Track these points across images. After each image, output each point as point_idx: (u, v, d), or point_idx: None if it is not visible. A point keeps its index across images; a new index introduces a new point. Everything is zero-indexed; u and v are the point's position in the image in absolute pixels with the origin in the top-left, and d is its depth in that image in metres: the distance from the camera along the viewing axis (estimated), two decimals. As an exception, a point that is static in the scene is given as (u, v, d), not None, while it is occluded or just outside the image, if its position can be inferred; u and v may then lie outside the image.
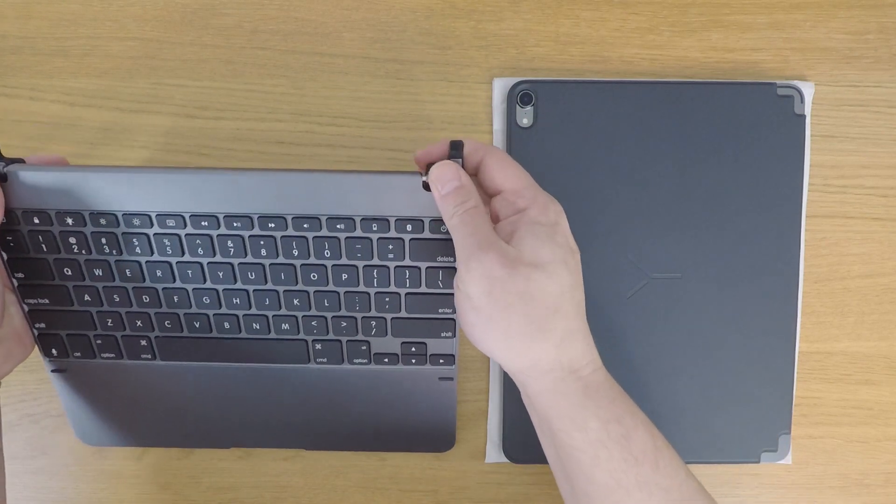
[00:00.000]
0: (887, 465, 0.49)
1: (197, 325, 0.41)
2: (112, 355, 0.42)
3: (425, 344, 0.41)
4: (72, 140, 0.46)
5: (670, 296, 0.46)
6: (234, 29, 0.46)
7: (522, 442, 0.47)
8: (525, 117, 0.45)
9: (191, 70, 0.46)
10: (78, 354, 0.41)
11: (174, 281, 0.39)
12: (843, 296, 0.47)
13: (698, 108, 0.45)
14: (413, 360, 0.42)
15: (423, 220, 0.38)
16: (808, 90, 0.45)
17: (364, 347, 0.42)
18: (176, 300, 0.40)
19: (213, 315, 0.40)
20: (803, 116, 0.45)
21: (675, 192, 0.45)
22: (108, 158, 0.46)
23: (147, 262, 0.39)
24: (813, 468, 0.49)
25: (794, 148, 0.46)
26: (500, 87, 0.46)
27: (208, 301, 0.40)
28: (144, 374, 0.42)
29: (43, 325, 0.40)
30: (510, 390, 0.46)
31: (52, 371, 0.42)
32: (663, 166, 0.45)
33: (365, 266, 0.39)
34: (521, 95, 0.45)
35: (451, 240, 0.38)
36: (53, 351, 0.41)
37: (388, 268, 0.39)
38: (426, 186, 0.36)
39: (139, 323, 0.40)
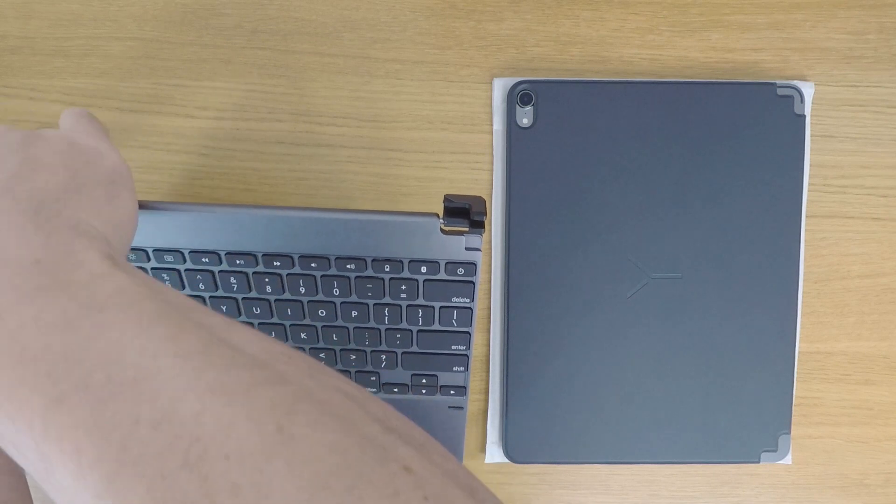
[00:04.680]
0: (887, 465, 0.49)
1: None
2: None
3: (436, 376, 0.41)
4: (72, 140, 0.46)
5: (670, 296, 0.46)
6: (234, 29, 0.46)
7: (522, 442, 0.47)
8: (525, 117, 0.45)
9: (191, 70, 0.46)
10: None
11: None
12: (843, 296, 0.47)
13: (698, 108, 0.45)
14: (423, 391, 0.41)
15: (438, 263, 0.36)
16: (808, 90, 0.45)
17: (374, 378, 0.41)
18: None
19: None
20: (803, 116, 0.45)
21: (675, 192, 0.45)
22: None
23: None
24: (813, 468, 0.49)
25: (794, 148, 0.46)
26: (500, 87, 0.46)
27: None
28: None
29: None
30: (511, 390, 0.46)
31: None
32: (663, 166, 0.45)
33: (376, 304, 0.38)
34: (521, 95, 0.45)
35: (468, 281, 0.36)
36: None
37: (400, 306, 0.38)
38: (444, 231, 0.35)
39: None
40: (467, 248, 0.35)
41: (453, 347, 0.39)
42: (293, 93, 0.46)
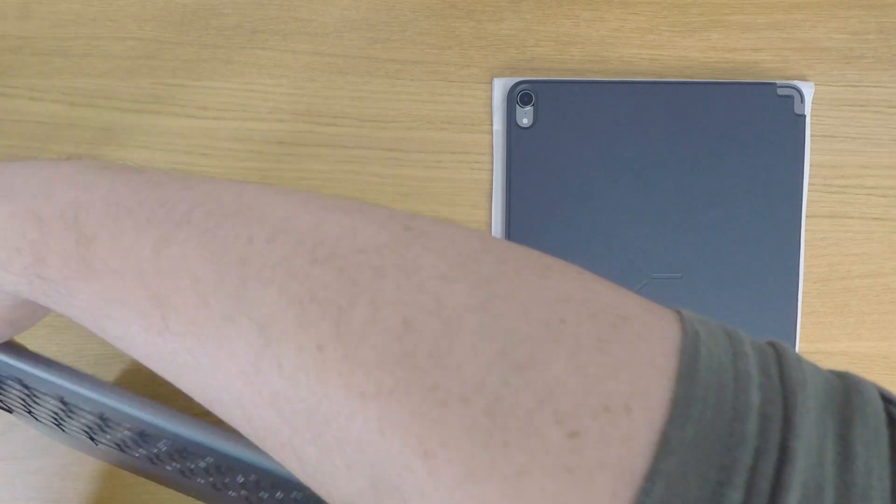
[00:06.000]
0: (887, 465, 0.49)
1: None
2: (53, 425, 0.36)
3: None
4: (72, 140, 0.46)
5: (670, 296, 0.46)
6: (234, 29, 0.46)
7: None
8: (525, 117, 0.45)
9: (191, 70, 0.46)
10: (20, 413, 0.37)
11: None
12: (843, 296, 0.47)
13: (698, 108, 0.45)
14: None
15: None
16: (808, 90, 0.45)
17: None
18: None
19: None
20: (803, 116, 0.45)
21: (675, 191, 0.45)
22: (107, 158, 0.46)
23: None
24: (813, 468, 0.49)
25: (794, 148, 0.46)
26: (500, 87, 0.46)
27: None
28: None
29: None
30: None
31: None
32: (663, 166, 0.45)
33: None
34: (521, 95, 0.45)
35: None
36: None
37: None
38: None
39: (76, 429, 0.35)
40: None
41: None
42: (293, 93, 0.46)
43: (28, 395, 0.33)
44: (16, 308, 0.24)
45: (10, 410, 0.38)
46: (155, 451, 0.33)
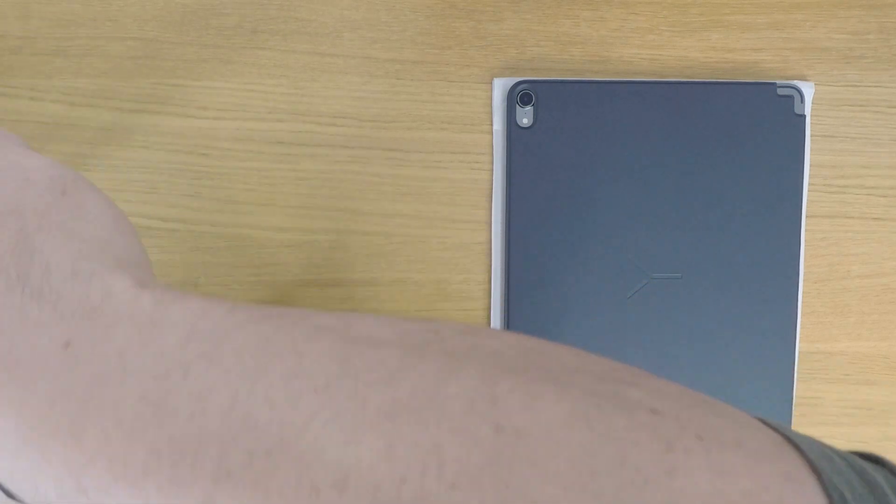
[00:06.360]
0: (887, 465, 0.49)
1: None
2: None
3: None
4: (72, 140, 0.46)
5: (670, 296, 0.46)
6: (234, 29, 0.46)
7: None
8: (525, 117, 0.45)
9: (191, 70, 0.46)
10: None
11: None
12: (843, 296, 0.47)
13: (698, 108, 0.45)
14: None
15: None
16: (808, 90, 0.45)
17: None
18: None
19: None
20: (803, 116, 0.45)
21: (675, 192, 0.45)
22: (108, 158, 0.46)
23: None
24: (813, 468, 0.49)
25: (794, 148, 0.46)
26: (500, 87, 0.46)
27: None
28: None
29: None
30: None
31: None
32: (663, 166, 0.45)
33: None
34: (521, 95, 0.45)
35: None
36: None
37: None
38: None
39: None
40: None
41: None
42: (293, 93, 0.46)
43: None
44: None
45: None
46: None
